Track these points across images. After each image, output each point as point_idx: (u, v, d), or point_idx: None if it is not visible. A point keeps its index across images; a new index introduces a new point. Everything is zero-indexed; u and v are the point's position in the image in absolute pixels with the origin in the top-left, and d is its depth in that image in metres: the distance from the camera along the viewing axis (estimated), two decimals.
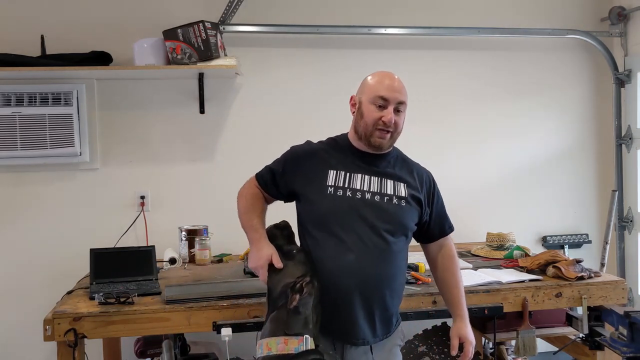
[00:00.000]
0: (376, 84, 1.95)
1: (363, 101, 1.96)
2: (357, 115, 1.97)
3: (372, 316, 1.89)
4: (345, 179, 1.93)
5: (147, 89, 3.31)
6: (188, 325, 2.29)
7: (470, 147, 3.64)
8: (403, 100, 1.97)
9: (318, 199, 1.91)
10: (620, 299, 2.60)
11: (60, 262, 3.17)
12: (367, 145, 1.95)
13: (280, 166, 2.03)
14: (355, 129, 1.98)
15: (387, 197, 1.93)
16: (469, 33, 3.55)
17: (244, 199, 2.06)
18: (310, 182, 1.94)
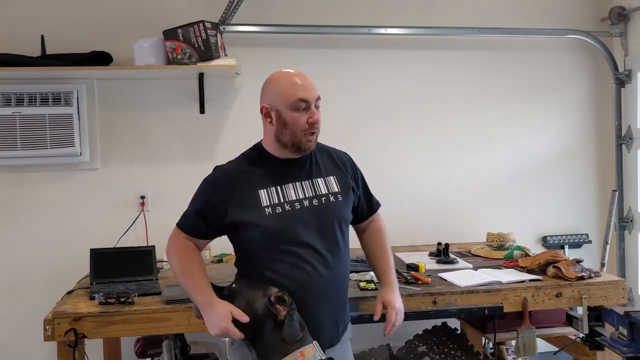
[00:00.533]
0: (290, 87, 1.85)
1: (281, 109, 1.85)
2: (279, 125, 1.85)
3: (334, 318, 1.87)
4: (278, 194, 1.83)
5: (147, 89, 3.31)
6: (188, 325, 2.29)
7: (470, 147, 3.64)
8: (318, 95, 1.87)
9: (259, 223, 1.78)
10: (620, 299, 2.60)
11: (60, 262, 3.17)
12: (295, 151, 1.86)
13: (206, 203, 1.85)
14: (278, 139, 1.87)
15: (324, 197, 1.87)
16: (469, 33, 3.55)
17: (176, 258, 1.86)
18: (244, 207, 1.80)
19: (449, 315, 2.46)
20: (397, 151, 3.54)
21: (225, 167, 1.92)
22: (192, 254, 1.87)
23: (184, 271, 1.83)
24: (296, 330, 1.69)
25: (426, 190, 3.57)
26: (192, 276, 1.81)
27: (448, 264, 2.90)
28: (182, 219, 1.91)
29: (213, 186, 1.88)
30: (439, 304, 2.43)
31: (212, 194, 1.86)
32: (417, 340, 2.85)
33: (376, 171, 3.47)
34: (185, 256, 1.86)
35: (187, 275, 1.82)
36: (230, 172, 1.89)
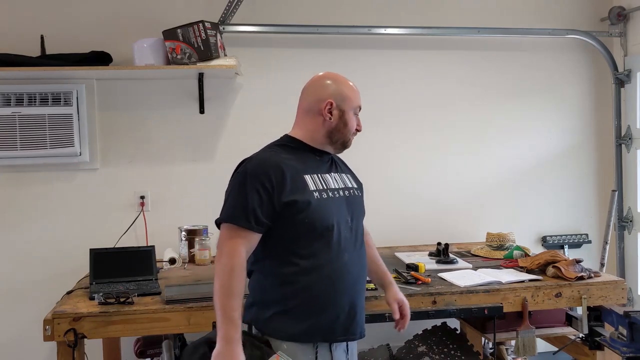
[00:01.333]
0: (354, 93, 1.95)
1: (346, 110, 1.91)
2: (339, 124, 1.90)
3: (363, 309, 1.91)
4: (321, 181, 1.87)
5: (147, 89, 3.31)
6: (188, 325, 2.29)
7: (470, 147, 3.64)
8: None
9: (309, 207, 1.78)
10: (620, 299, 2.60)
11: (60, 262, 3.18)
12: (339, 148, 1.95)
13: (259, 192, 1.76)
14: (331, 134, 1.91)
15: (351, 190, 1.94)
16: (469, 33, 3.55)
17: (230, 273, 1.69)
18: (295, 189, 1.78)
19: (449, 315, 2.46)
20: (397, 151, 3.54)
21: (264, 155, 1.87)
22: (243, 274, 1.73)
23: (230, 293, 1.68)
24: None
25: (426, 190, 3.57)
26: (234, 303, 1.67)
27: (448, 264, 2.90)
28: (237, 216, 1.73)
29: (261, 173, 1.78)
30: (439, 304, 2.43)
31: (263, 180, 1.77)
32: (416, 340, 2.85)
33: (376, 171, 3.48)
34: (238, 276, 1.70)
35: (231, 298, 1.67)
36: (273, 158, 1.84)
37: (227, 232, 1.75)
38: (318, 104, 1.91)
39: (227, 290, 1.68)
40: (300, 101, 1.98)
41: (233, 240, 1.73)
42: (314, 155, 1.92)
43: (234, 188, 1.81)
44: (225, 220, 1.76)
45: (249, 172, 1.79)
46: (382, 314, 2.33)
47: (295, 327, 1.78)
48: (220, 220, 1.78)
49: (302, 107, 1.97)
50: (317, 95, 1.93)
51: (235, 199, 1.78)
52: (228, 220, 1.75)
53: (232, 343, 1.65)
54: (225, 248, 1.72)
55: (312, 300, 1.79)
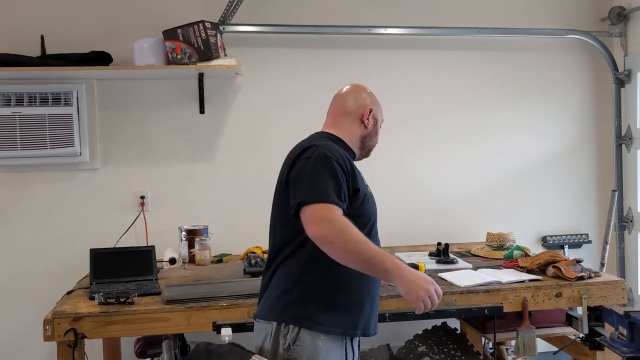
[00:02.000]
0: (380, 109, 2.09)
1: (378, 120, 2.07)
2: (372, 132, 2.05)
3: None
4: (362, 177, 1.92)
5: (147, 89, 3.31)
6: (188, 325, 2.29)
7: (470, 147, 3.64)
8: None
9: (365, 197, 1.86)
10: (620, 299, 2.60)
11: (60, 262, 3.18)
12: (364, 155, 2.08)
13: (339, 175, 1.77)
14: (363, 140, 2.03)
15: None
16: (468, 33, 3.55)
17: (350, 227, 1.69)
18: (360, 181, 1.85)
19: (449, 315, 2.46)
20: (396, 151, 3.54)
21: (332, 145, 1.88)
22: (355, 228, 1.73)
23: (364, 240, 1.68)
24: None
25: (426, 190, 3.57)
26: (371, 245, 1.69)
27: (448, 264, 2.90)
28: (331, 196, 1.71)
29: (339, 157, 1.80)
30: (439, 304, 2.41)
31: (341, 164, 1.79)
32: (417, 340, 2.85)
33: (376, 171, 3.47)
34: (354, 228, 1.69)
35: (367, 243, 1.68)
36: (338, 147, 1.89)
37: (317, 208, 1.69)
38: (359, 109, 2.01)
39: (359, 240, 1.67)
40: (337, 104, 2.06)
41: (328, 209, 1.69)
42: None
43: (315, 171, 1.75)
44: (316, 200, 1.70)
45: (328, 156, 1.78)
46: (382, 313, 2.33)
47: (340, 321, 1.79)
48: (310, 201, 1.70)
49: (341, 110, 2.02)
50: (359, 101, 2.02)
51: (319, 181, 1.74)
52: (319, 199, 1.70)
53: (402, 267, 1.69)
54: (326, 216, 1.68)
55: (356, 294, 1.82)
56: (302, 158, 1.80)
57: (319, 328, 1.76)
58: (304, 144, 1.87)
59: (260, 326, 1.85)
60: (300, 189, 1.74)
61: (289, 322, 1.77)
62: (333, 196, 1.71)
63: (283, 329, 1.77)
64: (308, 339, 1.75)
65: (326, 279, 1.79)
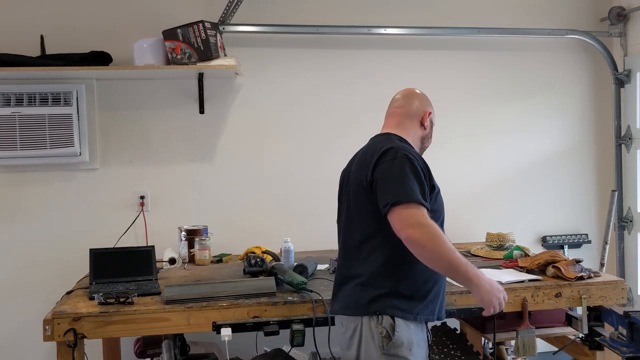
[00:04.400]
0: (433, 109, 2.17)
1: (434, 124, 2.19)
2: (429, 132, 2.17)
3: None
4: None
5: (146, 89, 3.31)
6: (188, 325, 2.29)
7: (470, 147, 3.64)
8: None
9: (439, 198, 2.04)
10: (620, 299, 2.60)
11: (60, 262, 3.17)
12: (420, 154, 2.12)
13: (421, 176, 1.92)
14: (423, 141, 2.16)
15: None
16: (468, 33, 3.55)
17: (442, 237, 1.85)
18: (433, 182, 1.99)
19: (449, 315, 2.45)
20: None
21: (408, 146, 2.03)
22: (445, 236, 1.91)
23: (453, 249, 1.85)
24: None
25: None
26: (458, 254, 1.86)
27: None
28: (419, 198, 1.86)
29: (418, 159, 1.95)
30: None
31: (421, 164, 1.94)
32: None
33: None
34: (445, 236, 1.87)
35: (455, 251, 1.85)
36: (413, 149, 2.05)
37: (409, 211, 1.83)
38: (419, 112, 2.13)
39: (449, 249, 1.83)
40: (398, 106, 2.15)
41: (421, 212, 1.84)
42: None
43: (402, 172, 1.88)
44: (406, 201, 1.83)
45: (411, 158, 1.91)
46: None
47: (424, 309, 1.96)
48: (401, 202, 1.83)
49: (403, 112, 2.13)
50: (420, 104, 2.14)
51: (406, 182, 1.87)
52: (409, 200, 1.83)
53: (482, 276, 1.88)
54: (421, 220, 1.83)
55: (434, 285, 1.98)
56: (385, 159, 1.92)
57: (408, 316, 1.92)
58: (380, 145, 1.97)
59: (348, 319, 1.99)
60: (389, 189, 1.87)
61: (382, 313, 1.91)
62: (420, 197, 1.85)
63: (377, 319, 1.91)
64: (402, 325, 1.91)
65: (410, 273, 1.93)
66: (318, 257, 2.97)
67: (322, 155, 3.44)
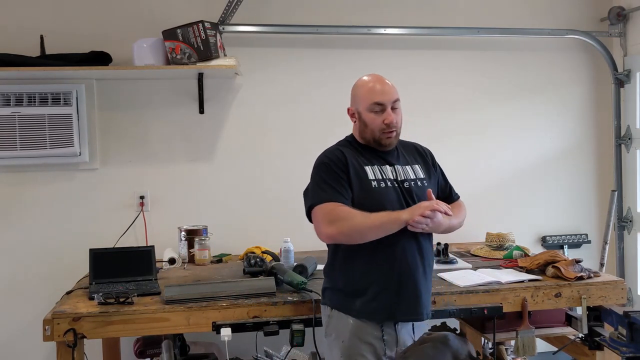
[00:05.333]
0: (369, 92, 2.09)
1: (361, 111, 2.10)
2: (361, 125, 2.11)
3: (427, 292, 2.10)
4: (380, 172, 2.08)
5: (146, 89, 3.31)
6: (187, 325, 2.29)
7: (470, 147, 3.64)
8: (395, 98, 2.10)
9: (368, 193, 2.02)
10: (620, 299, 2.60)
11: (60, 262, 3.17)
12: (377, 147, 2.12)
13: (332, 176, 2.03)
14: (361, 136, 2.13)
15: (413, 181, 2.12)
16: (468, 33, 3.55)
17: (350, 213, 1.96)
18: (359, 180, 2.03)
19: (448, 315, 2.46)
20: None
21: (331, 149, 2.14)
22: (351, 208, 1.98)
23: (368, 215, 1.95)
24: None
25: None
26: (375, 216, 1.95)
27: (447, 264, 2.90)
28: (321, 196, 1.99)
29: (331, 162, 2.05)
30: (439, 304, 2.43)
31: (333, 167, 2.04)
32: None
33: None
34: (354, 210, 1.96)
35: (372, 216, 1.94)
36: (339, 152, 2.10)
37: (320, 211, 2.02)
38: (347, 112, 2.19)
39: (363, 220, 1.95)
40: None
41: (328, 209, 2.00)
42: (373, 151, 2.12)
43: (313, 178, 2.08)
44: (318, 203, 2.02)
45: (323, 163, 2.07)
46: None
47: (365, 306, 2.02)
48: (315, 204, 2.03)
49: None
50: (351, 99, 2.19)
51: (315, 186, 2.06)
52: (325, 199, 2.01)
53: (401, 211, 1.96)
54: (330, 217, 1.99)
55: (374, 284, 2.02)
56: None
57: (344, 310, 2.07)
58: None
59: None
60: (307, 198, 2.08)
61: (326, 304, 2.15)
62: (328, 196, 1.98)
63: (325, 308, 2.16)
64: (336, 317, 2.09)
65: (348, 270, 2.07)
66: (318, 257, 2.97)
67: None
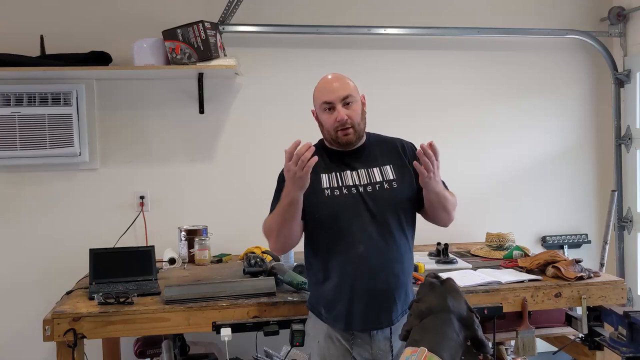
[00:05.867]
0: (318, 92, 2.07)
1: (317, 111, 2.08)
2: (320, 125, 2.09)
3: (392, 299, 2.00)
4: (337, 179, 2.03)
5: (146, 89, 3.31)
6: (187, 325, 2.29)
7: (469, 147, 3.64)
8: (345, 94, 2.03)
9: (320, 203, 2.00)
10: (620, 299, 2.60)
11: (60, 262, 3.17)
12: (338, 146, 2.06)
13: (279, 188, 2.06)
14: (324, 136, 2.10)
15: (378, 184, 2.03)
16: (468, 33, 3.55)
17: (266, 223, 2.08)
18: (312, 189, 1.96)
19: None
20: None
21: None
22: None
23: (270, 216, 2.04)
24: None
25: None
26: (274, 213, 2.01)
27: (447, 264, 2.90)
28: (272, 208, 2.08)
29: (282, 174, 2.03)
30: None
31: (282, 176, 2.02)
32: None
33: None
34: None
35: (272, 214, 2.02)
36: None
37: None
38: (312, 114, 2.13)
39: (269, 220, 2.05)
40: None
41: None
42: (336, 155, 2.08)
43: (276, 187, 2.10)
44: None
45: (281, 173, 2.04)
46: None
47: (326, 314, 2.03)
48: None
49: None
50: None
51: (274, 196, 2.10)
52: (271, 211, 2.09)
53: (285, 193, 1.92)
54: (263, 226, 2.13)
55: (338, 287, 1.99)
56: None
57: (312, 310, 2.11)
58: None
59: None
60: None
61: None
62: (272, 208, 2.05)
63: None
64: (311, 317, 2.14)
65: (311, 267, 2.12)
66: None
67: None
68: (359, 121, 2.04)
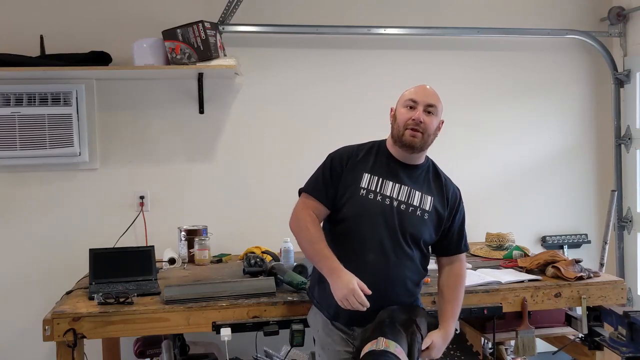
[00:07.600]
0: (409, 91, 2.11)
1: (397, 107, 2.12)
2: (393, 120, 2.11)
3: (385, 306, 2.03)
4: (377, 184, 2.05)
5: (146, 89, 3.31)
6: (187, 325, 2.29)
7: (469, 147, 3.64)
8: (433, 103, 2.09)
9: (351, 200, 2.03)
10: (620, 299, 2.61)
11: (60, 262, 3.17)
12: (400, 146, 2.07)
13: (326, 172, 2.09)
14: (392, 134, 2.11)
15: (412, 207, 2.06)
16: (468, 33, 3.55)
17: (305, 228, 2.03)
18: (348, 183, 2.04)
19: None
20: None
21: (351, 146, 2.18)
22: (318, 226, 2.05)
23: (314, 240, 1.99)
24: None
25: None
26: (321, 246, 1.98)
27: None
28: (307, 186, 2.10)
29: (335, 159, 2.12)
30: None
31: (332, 164, 2.10)
32: None
33: None
34: (314, 227, 2.02)
35: (317, 243, 1.98)
36: (349, 150, 2.15)
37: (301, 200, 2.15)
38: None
39: (308, 239, 2.01)
40: None
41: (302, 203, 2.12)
42: (391, 161, 2.11)
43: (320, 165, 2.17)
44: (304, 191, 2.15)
45: (330, 155, 2.17)
46: None
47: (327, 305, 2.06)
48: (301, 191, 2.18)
49: None
50: None
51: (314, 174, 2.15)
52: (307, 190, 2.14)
53: (338, 271, 1.93)
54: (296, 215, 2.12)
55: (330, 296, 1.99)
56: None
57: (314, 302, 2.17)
58: None
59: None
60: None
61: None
62: (308, 187, 2.10)
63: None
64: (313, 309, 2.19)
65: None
66: None
67: (322, 154, 3.37)
68: (429, 133, 2.09)
